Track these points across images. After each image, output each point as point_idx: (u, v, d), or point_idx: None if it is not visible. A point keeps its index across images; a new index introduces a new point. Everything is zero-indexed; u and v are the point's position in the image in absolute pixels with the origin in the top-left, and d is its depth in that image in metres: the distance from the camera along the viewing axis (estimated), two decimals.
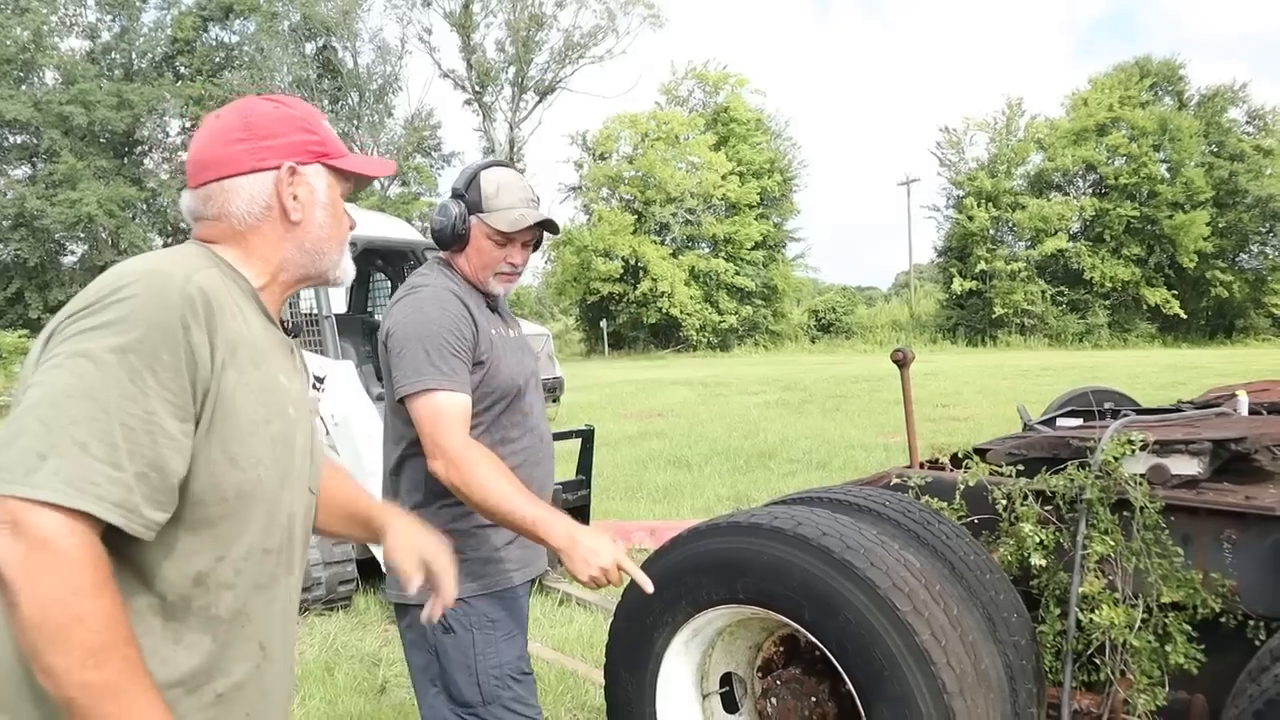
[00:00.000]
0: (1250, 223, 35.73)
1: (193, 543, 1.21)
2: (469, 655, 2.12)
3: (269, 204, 1.36)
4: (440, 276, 2.21)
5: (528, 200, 2.21)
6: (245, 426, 1.24)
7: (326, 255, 1.43)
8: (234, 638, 1.28)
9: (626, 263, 38.74)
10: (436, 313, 2.10)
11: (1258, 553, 2.41)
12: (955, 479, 2.76)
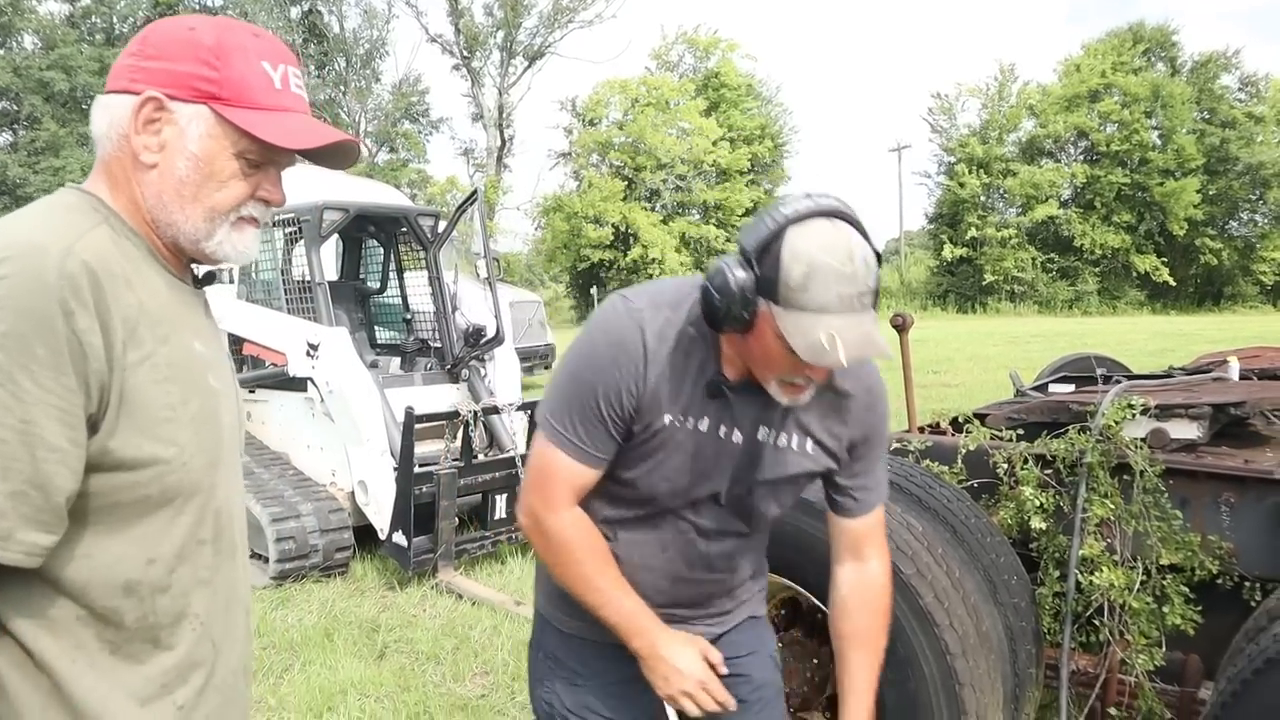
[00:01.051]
0: (1240, 190, 35.72)
1: (115, 549, 1.08)
2: (531, 672, 1.86)
3: (125, 134, 1.14)
4: (687, 312, 1.56)
5: (852, 300, 1.35)
6: (160, 413, 1.09)
7: (183, 219, 1.16)
8: (182, 642, 1.16)
9: (617, 229, 38.51)
10: (606, 360, 1.55)
11: (1255, 515, 2.43)
12: (956, 443, 2.77)
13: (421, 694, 3.55)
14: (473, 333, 5.95)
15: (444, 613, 4.48)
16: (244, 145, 1.16)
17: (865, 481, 1.72)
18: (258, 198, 1.21)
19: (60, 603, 1.06)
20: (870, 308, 1.38)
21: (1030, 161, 38.13)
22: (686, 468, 1.60)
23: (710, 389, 1.56)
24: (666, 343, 1.54)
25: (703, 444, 1.59)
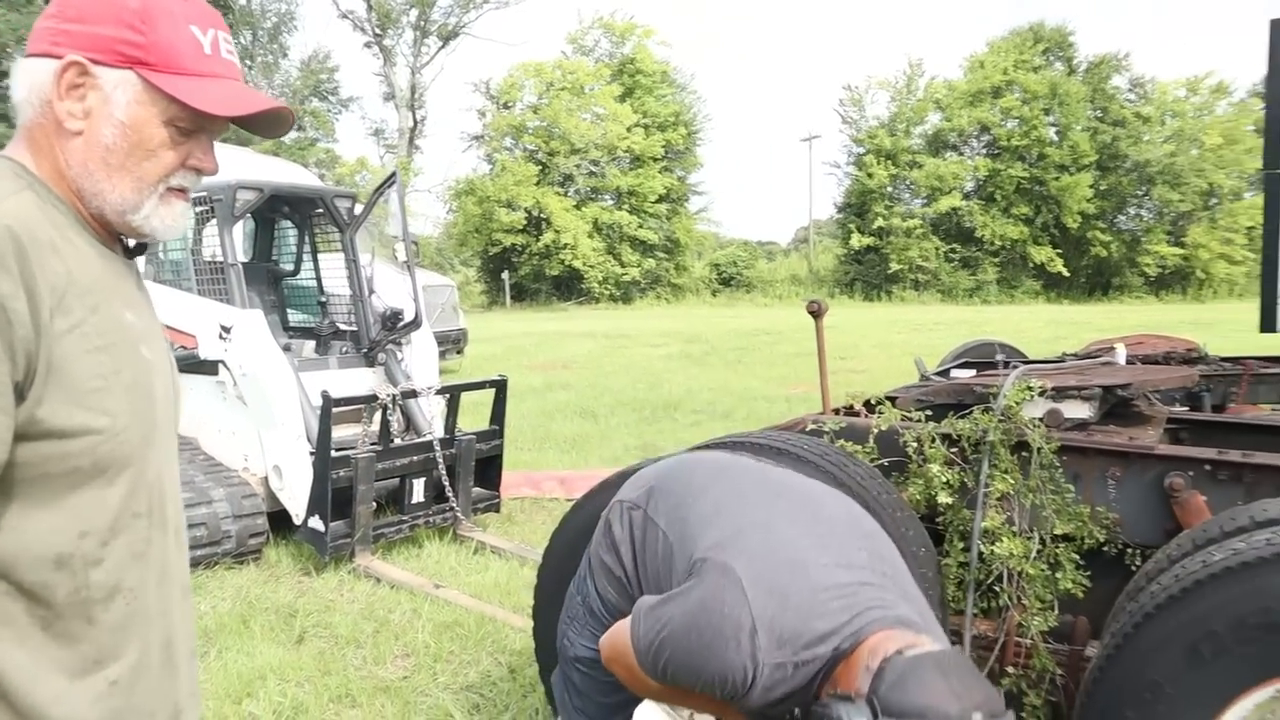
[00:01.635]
0: (1128, 186, 37.49)
1: (46, 521, 1.06)
2: (558, 694, 2.02)
3: (46, 99, 1.10)
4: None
5: None
6: (90, 383, 1.06)
7: (110, 189, 1.13)
8: (116, 617, 1.14)
9: (529, 214, 38.29)
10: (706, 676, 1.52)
11: (1138, 488, 2.62)
12: (869, 424, 2.90)
13: (343, 677, 3.55)
14: (390, 316, 5.90)
15: (362, 597, 4.47)
16: (173, 112, 1.13)
17: None
18: (188, 166, 1.18)
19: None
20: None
21: (936, 154, 39.30)
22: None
23: None
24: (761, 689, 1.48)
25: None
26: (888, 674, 1.30)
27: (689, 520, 1.69)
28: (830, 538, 1.56)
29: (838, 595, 1.45)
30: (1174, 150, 36.59)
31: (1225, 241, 36.23)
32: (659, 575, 1.72)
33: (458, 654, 3.79)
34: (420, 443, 5.20)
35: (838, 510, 1.67)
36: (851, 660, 1.39)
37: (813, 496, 1.71)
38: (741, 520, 1.61)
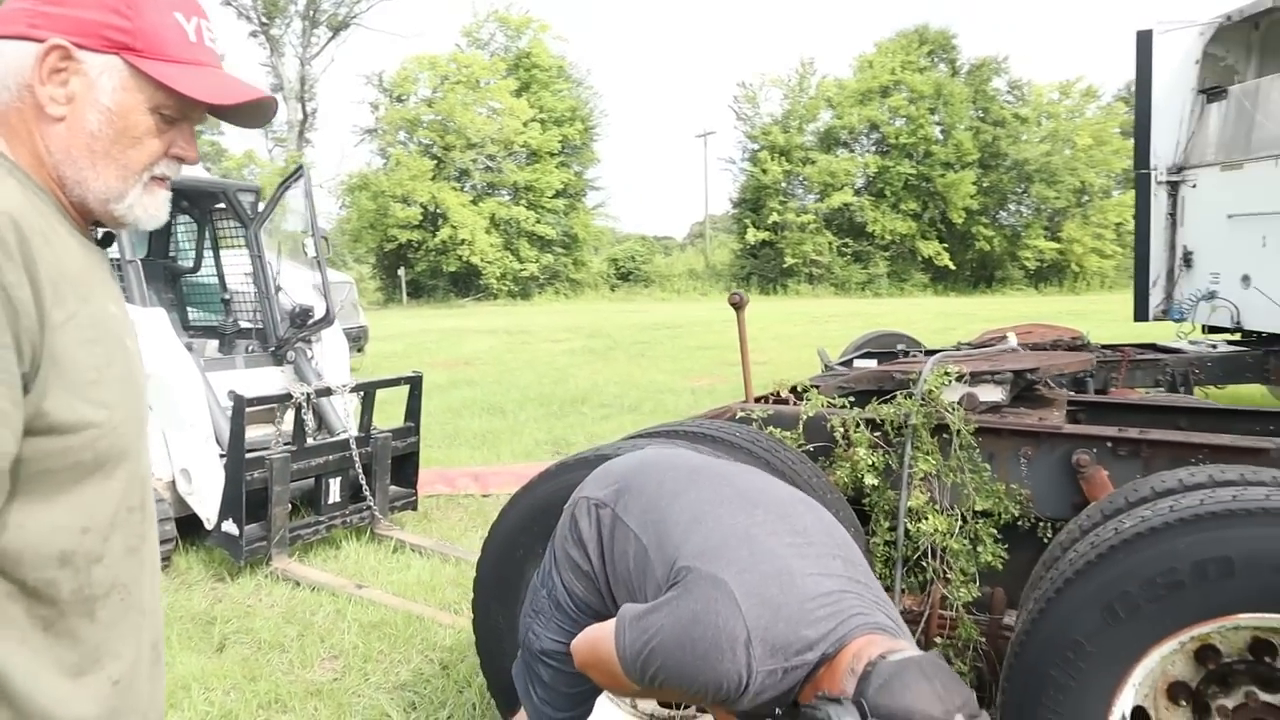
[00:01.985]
0: (1009, 183, 39.24)
1: (49, 518, 1.04)
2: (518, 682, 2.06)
3: (25, 83, 1.06)
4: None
5: None
6: (87, 375, 1.04)
7: (95, 177, 1.10)
8: (115, 613, 1.13)
9: (425, 209, 37.67)
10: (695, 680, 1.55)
11: (1047, 465, 2.80)
12: (796, 411, 3.01)
13: (271, 683, 3.47)
14: (299, 314, 5.77)
15: (282, 600, 4.37)
16: (159, 100, 1.11)
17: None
18: (171, 155, 1.16)
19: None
20: None
21: (828, 151, 40.30)
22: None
23: None
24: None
25: None
26: (874, 677, 1.37)
27: (665, 525, 1.73)
28: (808, 548, 1.64)
29: (824, 604, 1.53)
30: (1049, 150, 38.47)
31: (1096, 237, 38.30)
32: (630, 576, 1.76)
33: (387, 653, 3.75)
34: (336, 441, 5.11)
35: (811, 520, 1.74)
36: (835, 664, 1.47)
37: (786, 505, 1.77)
38: (724, 530, 1.66)
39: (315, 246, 5.72)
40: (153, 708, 1.21)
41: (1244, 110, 7.44)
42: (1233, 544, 1.95)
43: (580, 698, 1.95)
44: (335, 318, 5.80)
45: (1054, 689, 2.08)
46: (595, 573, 1.86)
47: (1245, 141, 7.37)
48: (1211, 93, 7.82)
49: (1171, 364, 6.65)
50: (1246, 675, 2.19)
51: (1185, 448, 2.68)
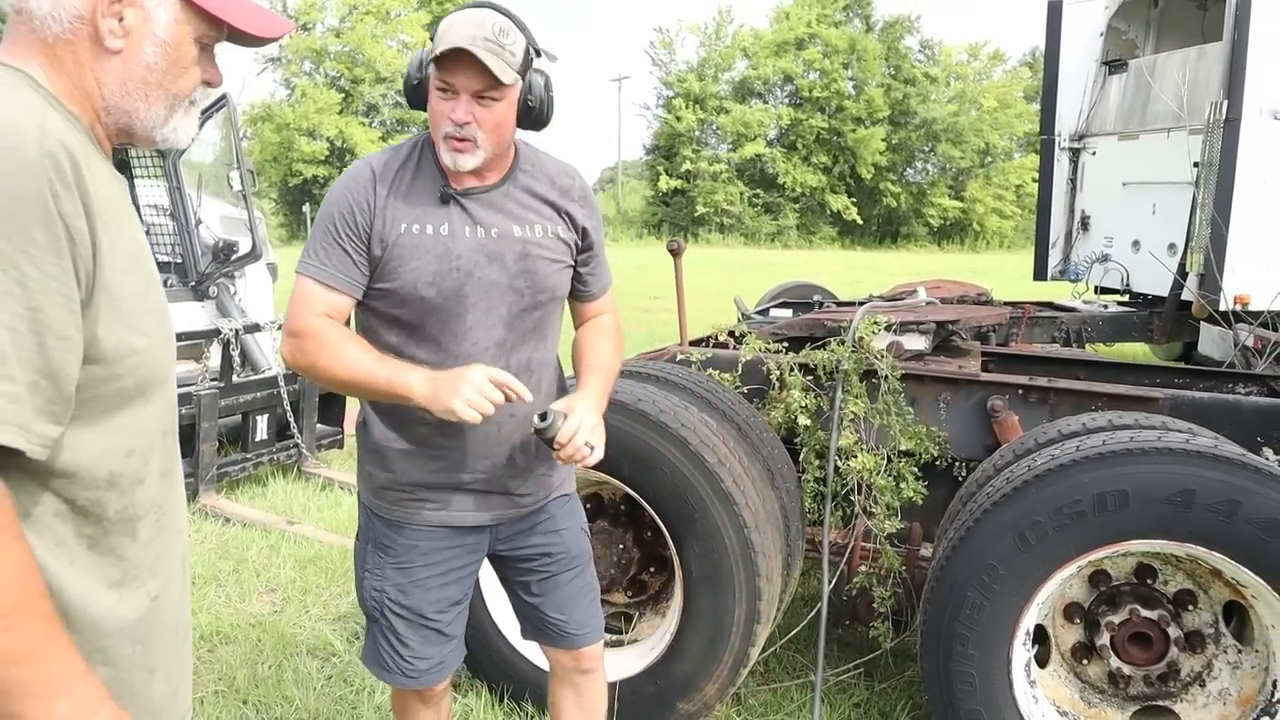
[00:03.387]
0: (917, 141, 40.12)
1: (98, 442, 1.07)
2: (359, 563, 2.01)
3: (81, 15, 1.07)
4: (402, 147, 1.88)
5: (474, 37, 1.67)
6: (129, 303, 1.07)
7: (146, 107, 1.14)
8: (153, 533, 1.17)
9: (332, 144, 36.52)
10: (338, 190, 1.82)
11: (963, 411, 3.04)
12: (733, 355, 3.17)
13: (211, 615, 3.52)
14: (222, 248, 5.66)
15: (212, 537, 4.37)
16: (203, 30, 1.16)
17: (595, 269, 2.03)
18: (203, 81, 1.21)
19: (42, 499, 1.04)
20: (490, 44, 1.68)
21: (742, 101, 40.44)
22: (431, 262, 1.79)
23: (442, 197, 1.81)
24: (391, 168, 1.82)
25: (437, 238, 1.80)
26: None
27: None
28: None
29: None
30: (956, 110, 39.43)
31: (997, 197, 39.61)
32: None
33: (325, 586, 3.82)
34: (264, 379, 5.09)
35: None
36: None
37: None
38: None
39: (241, 179, 5.60)
40: (181, 622, 1.29)
41: (1141, 83, 7.85)
42: (1129, 479, 2.20)
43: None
44: (263, 253, 5.71)
45: (969, 608, 2.32)
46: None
47: (1141, 113, 7.79)
48: (1113, 65, 8.21)
49: (1067, 321, 7.09)
50: (1131, 596, 2.48)
51: (1087, 396, 2.95)
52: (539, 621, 2.08)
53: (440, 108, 1.75)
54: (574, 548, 2.07)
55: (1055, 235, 8.59)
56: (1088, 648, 2.51)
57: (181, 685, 1.29)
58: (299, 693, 2.98)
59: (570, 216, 1.93)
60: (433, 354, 1.82)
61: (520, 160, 1.90)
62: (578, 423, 1.76)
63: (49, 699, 0.96)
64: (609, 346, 2.03)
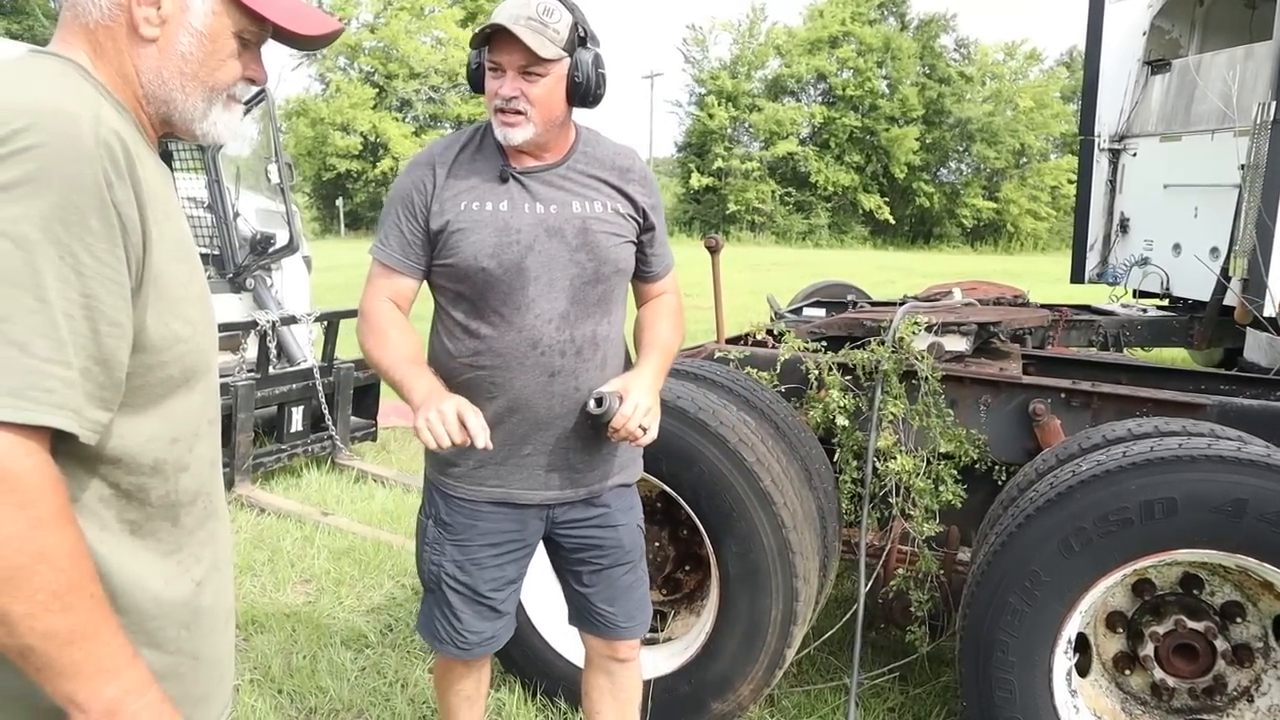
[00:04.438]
0: (951, 141, 39.77)
1: (145, 429, 1.08)
2: (420, 536, 2.08)
3: (119, 2, 1.08)
4: (465, 131, 1.98)
5: (516, 16, 1.76)
6: (176, 292, 1.08)
7: (182, 98, 1.14)
8: (197, 519, 1.19)
9: (365, 139, 36.80)
10: (402, 175, 1.95)
11: (1004, 413, 2.99)
12: (773, 353, 3.15)
13: (246, 604, 3.55)
14: (259, 240, 5.71)
15: (248, 526, 4.42)
16: (244, 25, 1.15)
17: (657, 249, 2.08)
18: (245, 77, 1.20)
19: (89, 484, 1.05)
20: (533, 22, 1.75)
21: (774, 99, 40.28)
22: (491, 237, 1.85)
23: (502, 175, 1.88)
24: (451, 151, 1.92)
25: (507, 219, 1.86)
26: None
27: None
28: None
29: None
30: (992, 110, 39.03)
31: (1032, 199, 39.15)
32: None
33: (359, 578, 3.85)
34: (300, 370, 5.13)
35: None
36: None
37: None
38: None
39: (279, 172, 5.65)
40: (224, 607, 1.30)
41: (1185, 84, 7.71)
42: (1177, 486, 2.16)
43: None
44: (300, 245, 5.75)
45: (1010, 614, 2.28)
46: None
47: (1185, 114, 7.66)
48: (1156, 65, 8.08)
49: (1105, 325, 6.98)
50: (1176, 606, 2.43)
51: (1132, 401, 2.90)
52: (587, 611, 2.11)
53: (491, 85, 1.83)
54: (628, 543, 2.10)
55: (1093, 238, 8.47)
56: (1130, 658, 2.46)
57: (225, 671, 1.30)
58: (333, 683, 3.00)
59: (630, 197, 1.98)
60: (496, 326, 1.89)
61: (580, 142, 1.97)
62: (632, 407, 1.80)
63: (99, 680, 0.97)
64: (669, 325, 2.07)
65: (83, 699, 0.97)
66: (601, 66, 1.87)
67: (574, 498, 2.01)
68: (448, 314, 1.95)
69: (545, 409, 1.91)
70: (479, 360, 1.91)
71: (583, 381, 1.90)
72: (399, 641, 3.31)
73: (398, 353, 1.88)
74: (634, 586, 2.11)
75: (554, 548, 2.10)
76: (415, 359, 1.89)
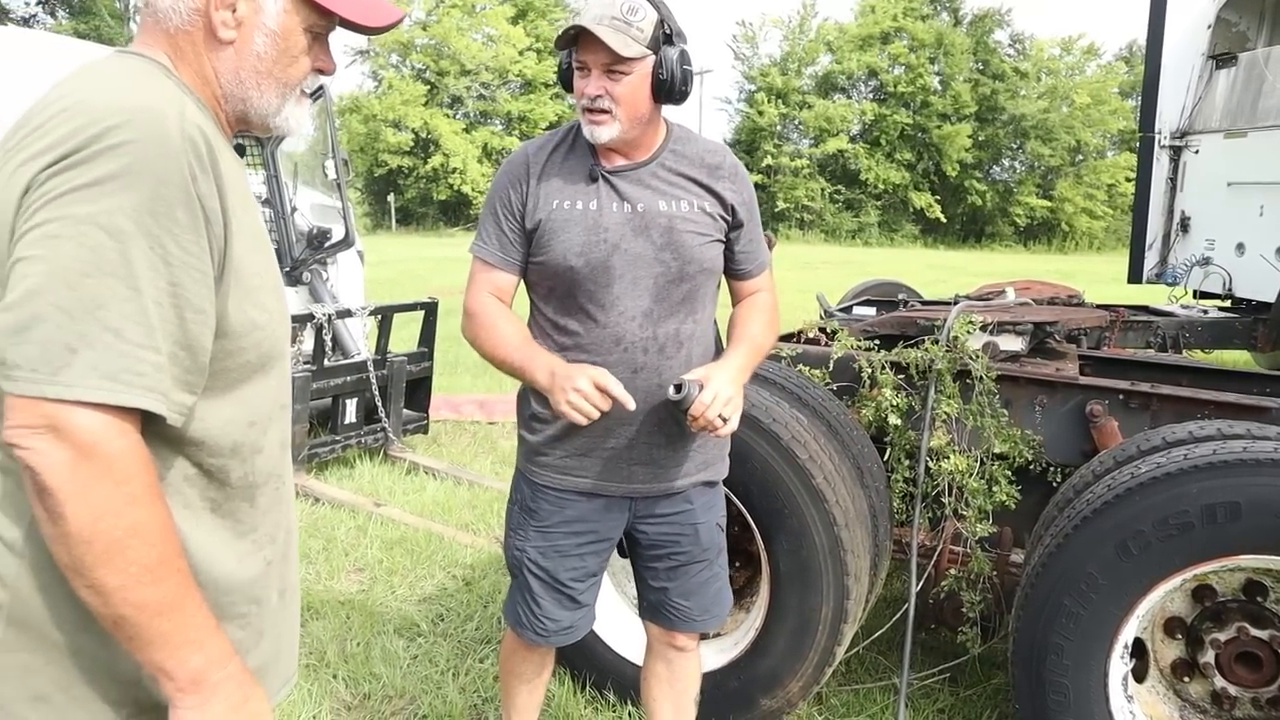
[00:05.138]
0: (1004, 138, 39.16)
1: (224, 412, 1.13)
2: (508, 522, 2.13)
3: (198, 8, 1.12)
4: (558, 131, 2.03)
5: (600, 16, 1.79)
6: (253, 280, 1.13)
7: (258, 96, 1.18)
8: (270, 501, 1.23)
9: (417, 135, 37.23)
10: (499, 174, 2.01)
11: (1060, 414, 2.95)
12: (822, 351, 3.14)
13: (302, 591, 3.59)
14: (316, 235, 5.82)
15: (303, 515, 4.50)
16: (313, 20, 1.19)
17: (748, 246, 2.07)
18: (315, 69, 1.24)
19: (174, 464, 1.10)
20: (616, 22, 1.78)
21: (825, 96, 39.99)
22: (580, 235, 1.89)
23: (591, 175, 1.92)
24: (545, 150, 1.96)
25: (596, 218, 1.90)
26: None
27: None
28: None
29: None
30: (1047, 107, 38.34)
31: (1088, 197, 38.40)
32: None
33: (411, 568, 3.91)
34: (354, 363, 5.21)
35: None
36: None
37: None
38: None
39: (335, 168, 5.74)
40: (290, 586, 1.34)
41: (1252, 78, 7.51)
42: (1242, 491, 2.11)
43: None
44: (355, 240, 5.85)
45: (1065, 617, 2.25)
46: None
47: (1251, 110, 7.45)
48: (1221, 59, 7.87)
49: (1163, 326, 6.82)
50: (1238, 613, 2.38)
51: (1192, 403, 2.84)
52: (662, 605, 2.14)
53: (578, 84, 1.87)
54: (706, 540, 2.12)
55: (1152, 237, 8.28)
56: (1189, 665, 2.42)
57: (287, 648, 1.35)
58: (386, 670, 3.05)
59: (719, 195, 1.98)
60: (583, 323, 1.93)
61: (670, 140, 1.99)
62: (712, 395, 1.81)
63: (186, 649, 1.02)
64: (762, 321, 2.08)
65: (171, 667, 1.02)
66: (687, 63, 1.89)
67: (656, 491, 2.03)
68: (540, 310, 2.01)
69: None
70: (567, 355, 1.94)
71: (666, 378, 1.92)
72: (450, 631, 3.36)
73: (510, 340, 1.93)
74: (709, 582, 2.13)
75: (632, 542, 2.12)
76: (527, 341, 1.95)
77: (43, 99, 1.06)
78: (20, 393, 0.95)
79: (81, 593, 0.98)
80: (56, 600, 1.04)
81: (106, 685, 1.09)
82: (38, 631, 1.04)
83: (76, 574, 0.97)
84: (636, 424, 1.96)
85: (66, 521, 0.94)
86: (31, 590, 1.04)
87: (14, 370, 0.95)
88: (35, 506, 0.97)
